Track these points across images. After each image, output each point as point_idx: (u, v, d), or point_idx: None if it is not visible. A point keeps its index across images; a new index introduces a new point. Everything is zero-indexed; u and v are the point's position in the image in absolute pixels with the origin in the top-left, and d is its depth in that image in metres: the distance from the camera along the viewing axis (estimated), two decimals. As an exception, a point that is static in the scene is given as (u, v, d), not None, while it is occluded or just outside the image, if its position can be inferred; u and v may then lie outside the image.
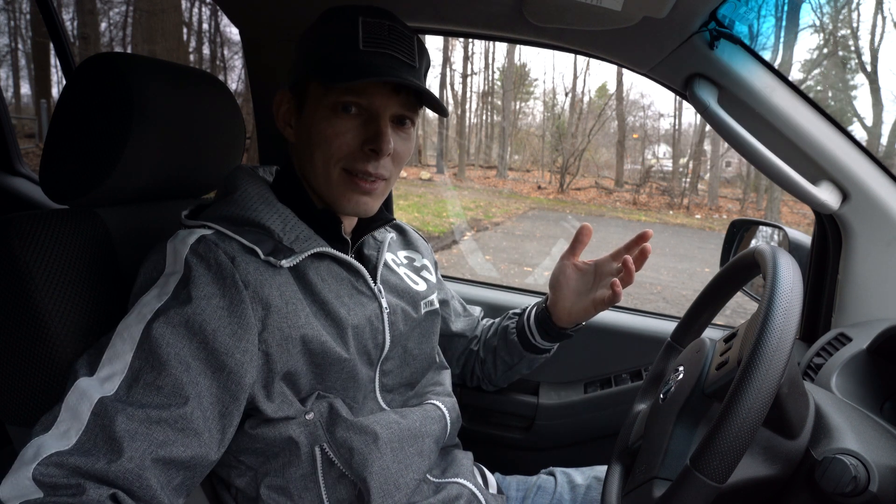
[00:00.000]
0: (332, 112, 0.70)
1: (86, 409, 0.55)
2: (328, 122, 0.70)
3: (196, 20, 9.97)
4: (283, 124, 0.77)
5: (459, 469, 0.85)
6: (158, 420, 0.57)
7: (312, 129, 0.72)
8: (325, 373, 0.72)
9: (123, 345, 0.60)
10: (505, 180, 14.24)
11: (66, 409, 0.56)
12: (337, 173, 0.72)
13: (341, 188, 0.73)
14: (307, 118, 0.73)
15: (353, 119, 0.71)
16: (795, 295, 0.52)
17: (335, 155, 0.71)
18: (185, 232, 0.68)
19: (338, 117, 0.70)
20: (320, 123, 0.71)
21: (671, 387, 0.68)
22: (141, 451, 0.55)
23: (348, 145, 0.71)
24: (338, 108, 0.70)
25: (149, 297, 0.63)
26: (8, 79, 10.14)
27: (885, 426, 0.62)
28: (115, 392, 0.57)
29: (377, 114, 0.71)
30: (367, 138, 0.70)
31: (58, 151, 0.73)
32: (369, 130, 0.71)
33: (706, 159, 13.63)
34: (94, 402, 0.56)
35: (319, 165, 0.72)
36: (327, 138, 0.70)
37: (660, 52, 0.94)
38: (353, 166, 0.71)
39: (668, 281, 6.21)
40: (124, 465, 0.54)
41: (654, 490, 0.56)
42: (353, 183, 0.72)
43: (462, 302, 1.09)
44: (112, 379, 0.58)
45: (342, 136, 0.70)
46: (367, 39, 0.69)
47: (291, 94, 0.75)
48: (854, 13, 11.36)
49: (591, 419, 1.21)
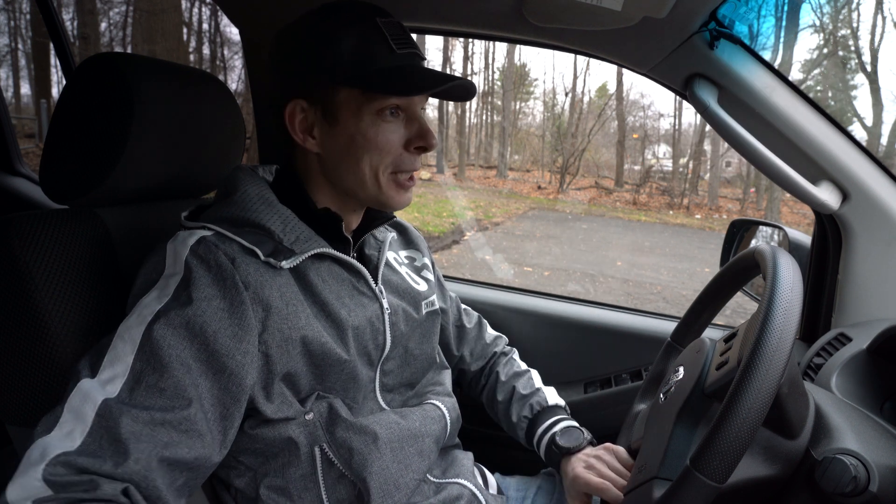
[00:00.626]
0: (378, 117, 0.70)
1: (90, 410, 0.55)
2: (377, 128, 0.70)
3: (196, 20, 9.98)
4: (303, 136, 0.72)
5: (460, 469, 0.85)
6: (162, 422, 0.57)
7: (357, 137, 0.70)
8: (325, 374, 0.71)
9: (124, 346, 0.60)
10: (505, 180, 14.24)
11: (69, 410, 0.56)
12: (387, 177, 0.73)
13: (391, 190, 0.74)
14: (346, 127, 0.71)
15: (396, 120, 0.72)
16: (795, 295, 0.52)
17: (386, 160, 0.72)
18: (185, 233, 0.67)
19: (385, 121, 0.71)
20: (368, 130, 0.70)
21: (671, 387, 0.68)
22: (147, 453, 0.55)
23: (397, 148, 0.72)
24: (384, 113, 0.70)
25: (149, 298, 0.63)
26: (8, 79, 10.14)
27: (885, 426, 0.62)
28: (117, 394, 0.57)
29: (415, 112, 0.73)
30: (410, 137, 0.72)
31: (58, 151, 0.73)
32: (411, 129, 0.73)
33: (706, 159, 13.62)
34: (98, 404, 0.56)
35: (367, 171, 0.72)
36: (379, 145, 0.71)
37: (660, 52, 0.94)
38: (402, 166, 0.73)
39: (668, 281, 6.21)
40: (131, 467, 0.54)
41: (654, 490, 0.56)
42: (400, 183, 0.74)
43: (479, 323, 1.08)
44: (114, 381, 0.58)
45: (391, 140, 0.71)
46: (397, 42, 0.70)
47: (309, 103, 0.71)
48: (854, 13, 11.36)
49: (591, 419, 1.21)
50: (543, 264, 6.61)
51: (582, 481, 0.78)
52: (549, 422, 0.91)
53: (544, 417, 0.92)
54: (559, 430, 0.89)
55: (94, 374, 0.58)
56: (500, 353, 1.07)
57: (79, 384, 0.57)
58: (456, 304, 1.06)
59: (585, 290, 5.71)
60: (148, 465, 0.55)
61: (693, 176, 13.42)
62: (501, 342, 1.10)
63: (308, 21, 0.71)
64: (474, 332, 1.06)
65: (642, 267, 6.80)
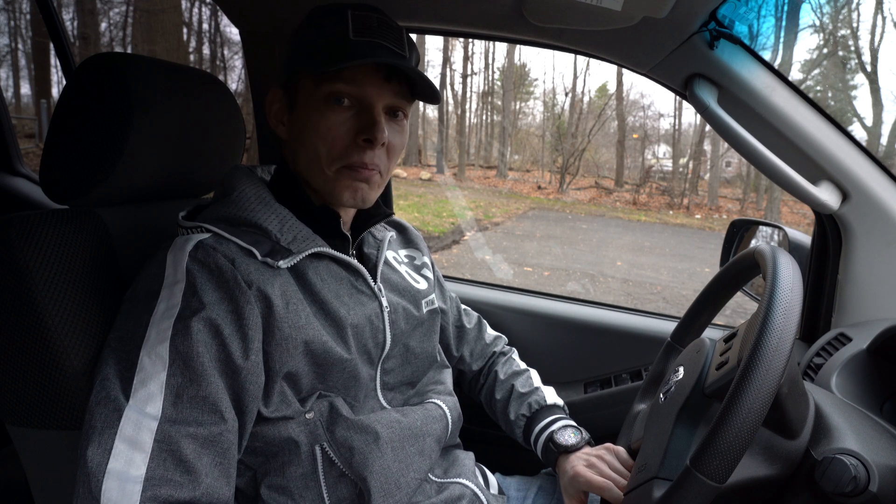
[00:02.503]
0: (324, 104, 0.70)
1: (146, 437, 0.57)
2: (321, 114, 0.70)
3: (196, 20, 9.98)
4: (275, 123, 0.76)
5: (461, 469, 0.85)
6: (220, 433, 0.61)
7: (306, 123, 0.71)
8: (326, 373, 0.71)
9: (153, 365, 0.60)
10: (505, 180, 14.23)
11: (123, 440, 0.57)
12: (334, 170, 0.71)
13: (338, 181, 0.72)
14: (299, 113, 0.72)
15: (346, 111, 0.70)
16: (795, 295, 0.52)
17: (331, 150, 0.70)
18: (182, 239, 0.67)
19: (331, 109, 0.70)
20: (313, 116, 0.70)
21: (671, 387, 0.68)
22: (211, 467, 0.60)
23: (343, 138, 0.70)
24: (330, 99, 0.69)
25: (159, 313, 0.62)
26: (8, 79, 10.13)
27: (885, 426, 0.62)
28: (162, 413, 0.58)
29: (370, 103, 0.70)
30: (360, 129, 0.70)
31: (58, 151, 0.73)
32: (362, 121, 0.70)
33: (706, 159, 13.62)
34: (155, 430, 0.57)
35: (314, 161, 0.72)
36: (321, 133, 0.70)
37: (660, 52, 0.94)
38: (350, 160, 0.71)
39: (668, 281, 6.21)
40: (205, 483, 0.59)
41: (654, 490, 0.56)
42: (351, 172, 0.71)
43: (478, 323, 1.08)
44: (153, 400, 0.58)
45: (336, 129, 0.70)
46: (357, 30, 0.69)
47: (283, 91, 0.75)
48: (854, 13, 11.36)
49: (591, 419, 1.21)
50: (543, 264, 6.61)
51: (583, 479, 0.78)
52: (546, 420, 0.91)
53: (542, 416, 0.93)
54: (557, 428, 0.89)
55: (127, 397, 0.59)
56: (500, 353, 1.07)
57: (124, 412, 0.58)
58: (456, 304, 1.06)
59: (585, 289, 5.71)
60: (213, 476, 0.60)
61: (693, 176, 13.42)
62: (501, 342, 1.10)
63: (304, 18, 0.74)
64: (474, 332, 1.06)
65: (642, 267, 6.80)
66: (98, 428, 0.57)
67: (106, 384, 0.60)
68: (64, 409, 0.67)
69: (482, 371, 1.05)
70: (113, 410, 0.58)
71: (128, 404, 0.58)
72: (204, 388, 0.60)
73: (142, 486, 0.55)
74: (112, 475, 0.55)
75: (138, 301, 0.65)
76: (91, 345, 0.68)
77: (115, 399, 0.58)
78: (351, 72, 0.69)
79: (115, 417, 0.57)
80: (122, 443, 0.56)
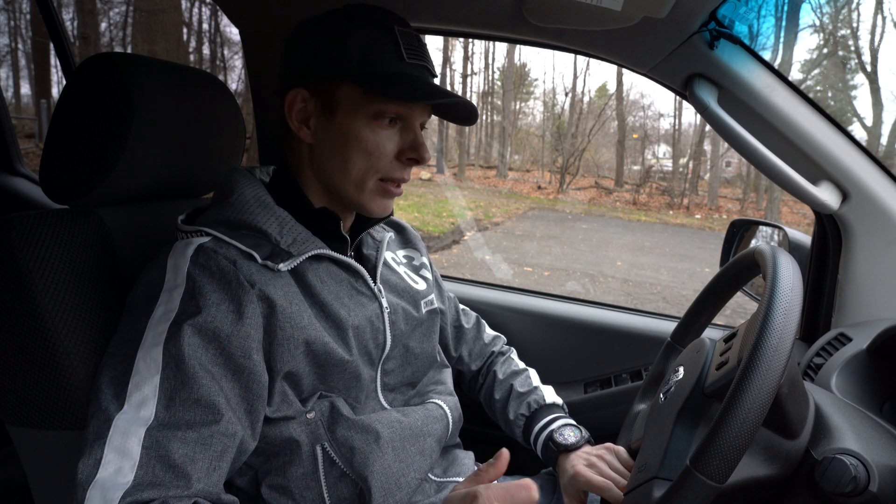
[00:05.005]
0: (374, 120, 0.70)
1: (134, 445, 0.56)
2: (371, 130, 0.70)
3: (196, 20, 9.98)
4: (298, 124, 0.73)
5: (461, 468, 0.85)
6: (211, 435, 0.60)
7: (350, 135, 0.70)
8: (327, 374, 0.72)
9: (147, 369, 0.60)
10: (505, 180, 14.23)
11: (112, 449, 0.56)
12: (373, 182, 0.73)
13: (373, 194, 0.74)
14: (341, 123, 0.71)
15: (392, 128, 0.72)
16: (795, 295, 0.52)
17: (375, 165, 0.71)
18: (183, 243, 0.67)
19: (381, 126, 0.71)
20: (361, 131, 0.70)
21: (671, 387, 0.68)
22: (204, 470, 0.59)
23: (388, 155, 0.72)
24: (381, 116, 0.70)
25: (156, 317, 0.62)
26: (8, 79, 10.13)
27: (885, 426, 0.62)
28: (154, 417, 0.58)
29: (412, 123, 0.73)
30: (403, 147, 0.72)
31: (58, 151, 0.73)
32: (406, 140, 0.72)
33: (706, 159, 13.63)
34: (143, 437, 0.57)
35: (354, 172, 0.72)
36: (369, 148, 0.70)
37: (660, 52, 0.94)
38: (391, 175, 0.73)
39: (668, 281, 6.21)
40: (195, 486, 0.58)
41: (654, 490, 0.56)
42: (386, 189, 0.74)
43: (477, 323, 1.08)
44: (146, 404, 0.58)
45: (384, 146, 0.71)
46: (409, 51, 0.70)
47: (311, 94, 0.72)
48: (854, 13, 11.36)
49: (591, 419, 1.21)
50: (543, 264, 6.61)
51: (583, 479, 0.78)
52: (546, 419, 0.92)
53: (542, 415, 0.93)
54: (557, 427, 0.89)
55: (121, 404, 0.59)
56: (499, 353, 1.07)
57: (113, 422, 0.57)
58: (454, 304, 1.06)
59: (585, 289, 5.71)
60: (209, 478, 0.59)
61: (693, 176, 13.42)
62: (500, 342, 1.10)
63: (327, 16, 0.72)
64: (472, 332, 1.06)
65: (642, 267, 6.80)
66: (90, 440, 0.57)
67: (98, 395, 0.60)
68: (64, 409, 0.67)
69: (481, 371, 1.06)
70: (104, 421, 0.58)
71: (119, 412, 0.58)
72: (196, 390, 0.60)
73: (124, 490, 0.54)
74: (97, 484, 0.54)
75: (138, 305, 0.65)
76: (91, 345, 0.68)
77: (105, 409, 0.59)
78: None
79: (105, 428, 0.57)
80: (112, 452, 0.56)
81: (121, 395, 0.59)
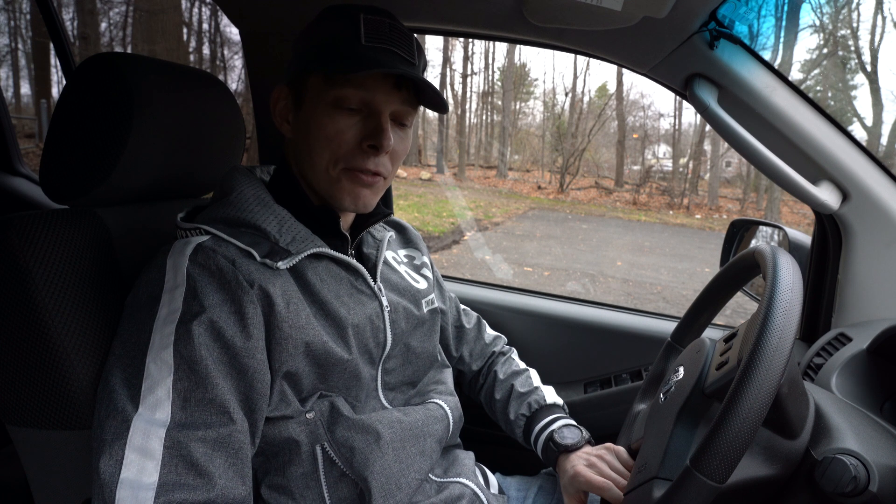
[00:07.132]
0: (332, 107, 0.70)
1: (156, 445, 0.57)
2: (329, 117, 0.70)
3: (196, 20, 9.97)
4: (280, 121, 0.76)
5: (461, 469, 0.85)
6: (229, 434, 0.61)
7: (312, 124, 0.71)
8: (327, 373, 0.71)
9: (159, 371, 0.60)
10: (505, 180, 14.23)
11: (133, 449, 0.57)
12: (337, 171, 0.72)
13: (341, 184, 0.72)
14: (306, 113, 0.72)
15: (354, 115, 0.71)
16: (795, 295, 0.52)
17: (336, 153, 0.71)
18: (181, 243, 0.67)
19: (339, 113, 0.70)
20: (321, 118, 0.70)
21: (671, 387, 0.68)
22: (224, 468, 0.60)
23: (348, 143, 0.70)
24: (339, 102, 0.70)
25: (161, 319, 0.62)
26: (8, 79, 10.12)
27: (885, 426, 0.62)
28: (171, 418, 0.58)
29: (378, 110, 0.71)
30: (366, 134, 0.70)
31: (58, 151, 0.73)
32: (369, 126, 0.71)
33: (706, 159, 13.62)
34: (164, 437, 0.57)
35: (319, 162, 0.72)
36: (328, 135, 0.70)
37: (660, 52, 0.94)
38: (354, 164, 0.71)
39: (668, 281, 6.21)
40: (218, 484, 0.59)
41: (654, 490, 0.56)
42: (354, 177, 0.72)
43: (478, 323, 1.08)
44: (161, 406, 0.59)
45: (343, 132, 0.70)
46: (369, 35, 0.70)
47: (289, 89, 0.75)
48: (854, 13, 11.36)
49: (591, 419, 1.21)
50: (543, 264, 6.60)
51: (583, 479, 0.78)
52: (546, 419, 0.91)
53: (542, 415, 0.93)
54: (557, 427, 0.89)
55: (136, 405, 0.59)
56: (499, 353, 1.07)
57: (132, 422, 0.58)
58: (455, 304, 1.06)
59: (585, 289, 5.71)
60: (228, 476, 0.60)
61: (693, 176, 13.42)
62: (500, 342, 1.10)
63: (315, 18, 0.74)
64: (473, 332, 1.06)
65: (642, 267, 6.80)
66: (108, 440, 0.57)
67: (113, 396, 0.60)
68: (64, 409, 0.67)
69: (482, 371, 1.05)
70: (121, 421, 0.58)
71: (136, 413, 0.58)
72: (210, 390, 0.60)
73: (154, 492, 0.55)
74: (125, 484, 0.55)
75: (140, 307, 0.65)
76: (91, 345, 0.68)
77: (122, 410, 0.59)
78: (361, 77, 0.69)
79: (124, 428, 0.57)
80: (133, 452, 0.56)
81: (135, 397, 0.59)
